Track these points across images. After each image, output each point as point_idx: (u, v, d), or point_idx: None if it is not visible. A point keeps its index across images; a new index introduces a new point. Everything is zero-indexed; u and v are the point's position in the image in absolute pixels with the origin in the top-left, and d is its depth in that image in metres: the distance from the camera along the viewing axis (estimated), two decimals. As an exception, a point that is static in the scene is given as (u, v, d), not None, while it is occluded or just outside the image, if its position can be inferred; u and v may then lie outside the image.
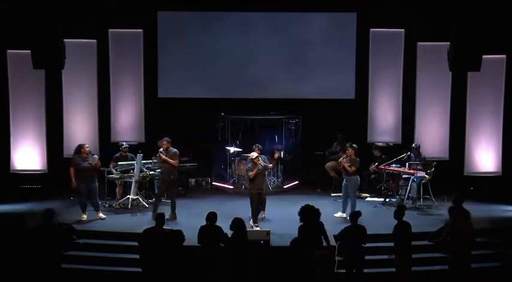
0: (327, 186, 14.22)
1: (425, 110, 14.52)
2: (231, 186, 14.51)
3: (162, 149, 11.88)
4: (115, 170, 12.79)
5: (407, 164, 13.07)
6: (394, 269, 9.27)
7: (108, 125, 14.64)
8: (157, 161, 12.36)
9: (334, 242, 9.65)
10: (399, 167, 13.16)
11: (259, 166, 11.35)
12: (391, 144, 14.56)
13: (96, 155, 12.01)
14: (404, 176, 13.10)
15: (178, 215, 11.88)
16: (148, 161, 12.98)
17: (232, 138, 14.63)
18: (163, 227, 9.01)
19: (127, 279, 9.91)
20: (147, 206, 12.62)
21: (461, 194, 9.65)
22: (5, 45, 14.10)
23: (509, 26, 13.51)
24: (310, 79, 14.62)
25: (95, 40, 14.36)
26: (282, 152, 13.95)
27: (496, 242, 10.57)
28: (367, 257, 9.47)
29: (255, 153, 11.64)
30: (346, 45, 14.63)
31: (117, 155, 13.07)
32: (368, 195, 13.79)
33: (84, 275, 10.00)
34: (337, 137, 14.44)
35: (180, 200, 12.78)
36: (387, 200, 13.21)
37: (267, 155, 12.61)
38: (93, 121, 14.51)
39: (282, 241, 9.99)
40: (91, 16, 14.04)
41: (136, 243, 9.57)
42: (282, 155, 14.00)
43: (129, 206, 12.61)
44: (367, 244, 9.49)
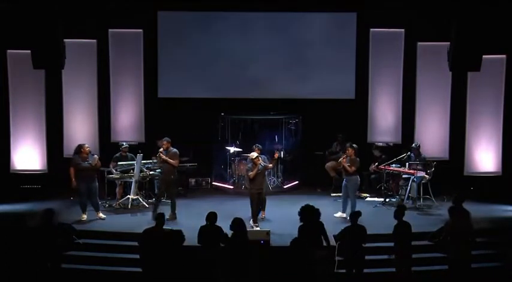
0: (327, 186, 14.22)
1: (425, 110, 14.52)
2: (231, 186, 14.51)
3: (162, 149, 11.88)
4: (115, 170, 12.79)
5: (407, 164, 13.07)
6: (394, 269, 9.27)
7: (108, 125, 14.64)
8: (157, 161, 12.36)
9: (334, 242, 9.65)
10: (399, 167, 13.16)
11: (259, 166, 11.35)
12: (391, 144, 14.56)
13: (96, 155, 12.01)
14: (404, 176, 13.10)
15: (178, 215, 11.88)
16: (148, 161, 12.98)
17: (232, 138, 14.63)
18: (163, 227, 9.01)
19: (127, 279, 9.92)
20: (147, 206, 12.62)
21: (461, 194, 9.65)
22: (5, 45, 14.10)
23: (509, 26, 13.51)
24: (310, 79, 14.62)
25: (95, 40, 14.36)
26: (282, 152, 13.95)
27: (496, 242, 10.57)
28: (367, 257, 9.47)
29: (255, 153, 11.64)
30: (346, 45, 14.63)
31: (117, 155, 13.08)
32: (368, 195, 13.80)
33: (84, 275, 10.00)
34: (337, 137, 14.45)
35: (180, 200, 12.78)
36: (387, 200, 13.21)
37: (267, 155, 12.61)
38: (93, 121, 14.51)
39: (282, 241, 9.99)
40: (91, 16, 14.04)
41: (136, 243, 9.57)
42: (282, 155, 14.00)
43: (129, 206, 12.61)
44: (367, 244, 9.49)
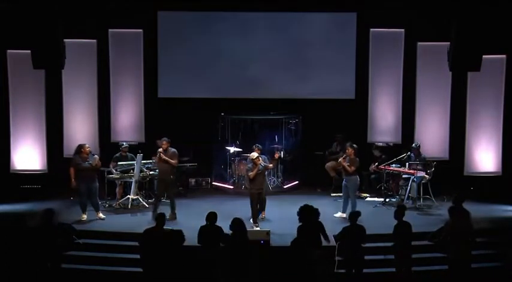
0: (327, 186, 14.22)
1: (425, 110, 14.51)
2: (231, 186, 14.50)
3: (162, 149, 11.88)
4: (115, 170, 12.79)
5: (407, 164, 13.07)
6: (394, 269, 9.27)
7: (108, 125, 14.64)
8: (155, 161, 12.30)
9: (334, 242, 9.64)
10: (399, 167, 13.16)
11: (260, 166, 11.35)
12: (391, 144, 14.56)
13: (96, 155, 12.01)
14: (404, 176, 13.10)
15: (178, 215, 11.88)
16: (148, 161, 12.98)
17: (232, 138, 14.63)
18: (163, 227, 9.01)
19: (127, 279, 9.92)
20: (147, 206, 12.62)
21: (461, 194, 9.65)
22: (5, 45, 14.10)
23: (509, 26, 13.51)
24: (310, 79, 14.62)
25: (95, 40, 14.36)
26: (282, 152, 13.95)
27: (496, 242, 10.57)
28: (367, 257, 9.48)
29: (256, 153, 11.63)
30: (346, 45, 14.63)
31: (117, 155, 13.07)
32: (368, 195, 13.79)
33: (84, 275, 10.00)
34: (336, 137, 14.44)
35: (180, 200, 12.79)
36: (387, 200, 13.21)
37: (267, 155, 12.61)
38: (93, 121, 14.50)
39: (282, 241, 9.99)
40: (91, 16, 14.04)
41: (136, 243, 9.57)
42: (282, 155, 14.00)
43: (129, 206, 12.61)
44: (367, 244, 9.49)
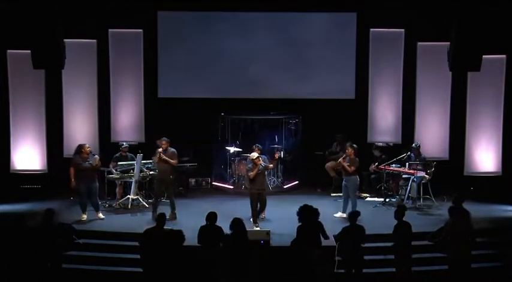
0: (327, 186, 14.22)
1: (425, 110, 14.52)
2: (231, 186, 14.51)
3: (162, 149, 11.86)
4: (115, 170, 12.78)
5: (407, 164, 13.07)
6: (394, 269, 9.27)
7: (108, 125, 14.64)
8: (154, 161, 12.23)
9: (334, 242, 9.64)
10: (399, 167, 13.16)
11: (260, 166, 11.35)
12: (391, 144, 14.56)
13: (97, 156, 12.00)
14: (404, 176, 13.10)
15: (178, 215, 11.88)
16: (148, 161, 12.96)
17: (232, 138, 14.63)
18: (163, 227, 9.01)
19: (127, 279, 9.91)
20: (147, 206, 12.61)
21: (461, 194, 9.66)
22: (5, 45, 14.11)
23: (509, 26, 13.51)
24: (310, 79, 14.62)
25: (95, 40, 14.36)
26: (282, 152, 13.95)
27: (496, 242, 10.58)
28: (368, 257, 9.48)
29: (256, 153, 11.62)
30: (346, 45, 14.63)
31: (117, 155, 13.07)
32: (368, 195, 13.80)
33: (84, 275, 10.00)
34: (336, 137, 14.44)
35: (180, 200, 12.79)
36: (387, 200, 13.21)
37: (267, 155, 12.61)
38: (93, 121, 14.51)
39: (282, 241, 10.00)
40: (91, 16, 14.04)
41: (136, 243, 9.58)
42: (282, 155, 14.00)
43: (129, 206, 12.61)
44: (367, 244, 9.49)
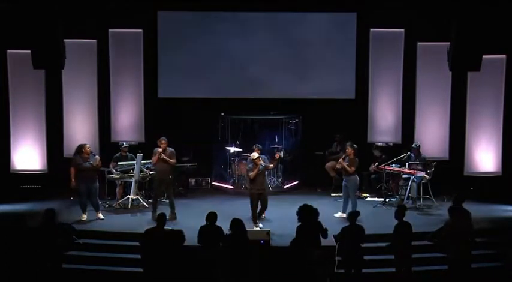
0: (327, 186, 14.22)
1: (425, 110, 14.52)
2: (231, 186, 14.51)
3: (161, 149, 11.85)
4: (115, 170, 12.78)
5: (407, 164, 13.06)
6: (394, 269, 9.27)
7: (108, 125, 14.64)
8: (153, 161, 12.16)
9: (334, 241, 9.64)
10: (399, 167, 13.16)
11: (260, 166, 11.34)
12: (391, 144, 14.56)
13: (97, 156, 12.00)
14: (404, 176, 13.10)
15: (178, 215, 11.87)
16: (148, 161, 12.92)
17: (232, 138, 14.63)
18: (164, 227, 9.01)
19: (127, 279, 9.91)
20: (147, 206, 12.61)
21: (461, 194, 9.65)
22: (5, 45, 14.11)
23: (509, 26, 13.51)
24: (310, 79, 14.62)
25: (95, 40, 14.36)
26: (282, 152, 13.95)
27: (496, 242, 10.58)
28: (368, 257, 9.48)
29: (256, 153, 11.61)
30: (346, 45, 14.62)
31: (117, 155, 13.07)
32: (368, 195, 13.79)
33: (84, 275, 10.00)
34: (336, 137, 14.44)
35: (180, 200, 12.80)
36: (387, 200, 13.21)
37: (267, 155, 12.61)
38: (93, 121, 14.51)
39: (282, 241, 10.00)
40: (91, 16, 14.04)
41: (136, 243, 9.58)
42: (282, 155, 13.99)
43: (129, 206, 12.61)
44: (367, 244, 9.49)
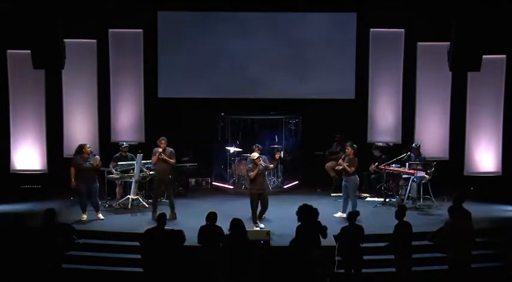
0: (327, 186, 14.22)
1: (425, 110, 14.52)
2: (231, 186, 14.51)
3: (161, 149, 11.84)
4: (115, 170, 12.78)
5: (407, 164, 13.07)
6: (394, 269, 9.27)
7: (108, 125, 14.64)
8: (153, 161, 12.07)
9: (334, 241, 9.64)
10: (399, 167, 13.16)
11: (260, 166, 11.33)
12: (391, 144, 14.56)
13: (97, 156, 12.00)
14: (404, 176, 13.10)
15: (178, 215, 11.87)
16: (148, 161, 12.91)
17: (232, 138, 14.63)
18: (164, 227, 9.01)
19: (127, 279, 9.92)
20: (147, 206, 12.61)
21: (461, 194, 9.66)
22: (5, 45, 14.11)
23: (509, 26, 13.51)
24: (310, 79, 14.62)
25: (95, 40, 14.36)
26: (282, 152, 13.95)
27: (496, 242, 10.59)
28: (368, 257, 9.48)
29: (256, 153, 11.60)
30: (346, 45, 14.62)
31: (117, 155, 13.07)
32: (368, 195, 13.80)
33: (84, 275, 10.00)
34: (336, 137, 14.44)
35: (180, 200, 12.80)
36: (387, 200, 13.21)
37: (267, 155, 12.60)
38: (93, 121, 14.51)
39: (282, 241, 10.00)
40: (91, 16, 14.04)
41: (136, 243, 9.57)
42: (282, 155, 13.99)
43: (129, 206, 12.61)
44: (367, 244, 9.49)
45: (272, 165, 11.89)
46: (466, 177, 14.40)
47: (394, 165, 13.18)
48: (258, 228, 10.99)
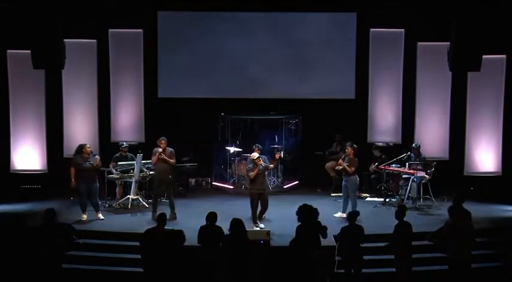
0: (327, 186, 14.22)
1: (425, 110, 14.52)
2: (231, 186, 14.51)
3: (161, 149, 11.84)
4: (115, 170, 12.78)
5: (407, 164, 13.07)
6: (394, 269, 9.27)
7: (108, 125, 14.64)
8: (153, 161, 12.04)
9: (334, 241, 9.64)
10: (399, 167, 13.16)
11: (260, 166, 11.33)
12: (391, 144, 14.56)
13: (98, 156, 12.00)
14: (404, 176, 13.10)
15: (178, 215, 11.87)
16: (148, 161, 12.91)
17: (232, 138, 14.63)
18: (164, 227, 9.01)
19: (127, 279, 9.92)
20: (147, 206, 12.61)
21: (461, 194, 9.66)
22: (5, 45, 14.11)
23: (509, 26, 13.51)
24: (310, 79, 14.62)
25: (95, 40, 14.36)
26: (282, 152, 13.95)
27: (496, 242, 10.58)
28: (368, 257, 9.47)
29: (256, 153, 11.60)
30: (346, 45, 14.62)
31: (117, 155, 13.07)
32: (368, 195, 13.80)
33: (84, 275, 10.00)
34: (336, 137, 14.44)
35: (180, 200, 12.80)
36: (387, 200, 13.21)
37: (267, 155, 12.60)
38: (93, 121, 14.51)
39: (282, 241, 10.00)
40: (91, 16, 14.04)
41: (136, 243, 9.57)
42: (282, 155, 13.99)
43: (129, 206, 12.61)
44: (368, 244, 9.48)
45: (272, 165, 11.89)
46: (466, 177, 14.40)
47: (394, 165, 13.18)
48: (258, 228, 10.99)
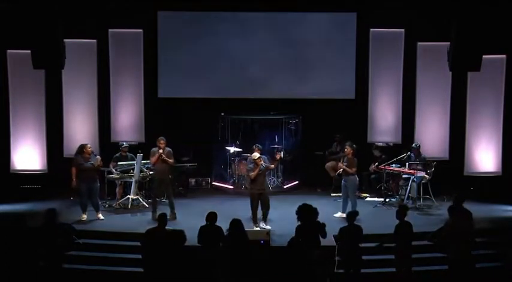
0: (327, 186, 14.22)
1: (425, 110, 14.52)
2: (231, 186, 14.51)
3: (161, 150, 11.83)
4: (115, 170, 12.79)
5: (407, 164, 13.07)
6: (394, 269, 9.27)
7: (108, 125, 14.64)
8: (152, 161, 12.00)
9: (334, 241, 9.64)
10: (399, 167, 13.16)
11: (261, 167, 11.32)
12: (391, 144, 14.56)
13: (98, 156, 12.00)
14: (404, 176, 13.10)
15: (179, 215, 11.88)
16: (148, 161, 12.96)
17: (232, 138, 14.63)
18: (165, 227, 9.01)
19: (127, 279, 9.92)
20: (147, 206, 12.61)
21: (461, 194, 9.67)
22: (5, 45, 14.11)
23: (509, 26, 13.51)
24: (310, 79, 14.62)
25: (95, 40, 14.36)
26: (282, 152, 13.94)
27: (496, 242, 10.58)
28: (368, 257, 9.47)
29: (257, 153, 11.58)
30: (346, 45, 14.62)
31: (117, 155, 13.08)
32: (368, 195, 13.80)
33: (84, 275, 10.00)
34: (335, 137, 14.45)
35: (180, 200, 12.80)
36: (387, 200, 13.21)
37: (267, 155, 12.59)
38: (93, 121, 14.51)
39: (282, 241, 9.98)
40: (91, 16, 14.04)
41: (136, 243, 9.59)
42: (282, 155, 13.98)
43: (129, 206, 12.61)
44: (367, 244, 9.48)
45: (273, 165, 11.88)
46: (466, 177, 14.40)
47: (394, 165, 13.18)
48: (258, 228, 10.99)
